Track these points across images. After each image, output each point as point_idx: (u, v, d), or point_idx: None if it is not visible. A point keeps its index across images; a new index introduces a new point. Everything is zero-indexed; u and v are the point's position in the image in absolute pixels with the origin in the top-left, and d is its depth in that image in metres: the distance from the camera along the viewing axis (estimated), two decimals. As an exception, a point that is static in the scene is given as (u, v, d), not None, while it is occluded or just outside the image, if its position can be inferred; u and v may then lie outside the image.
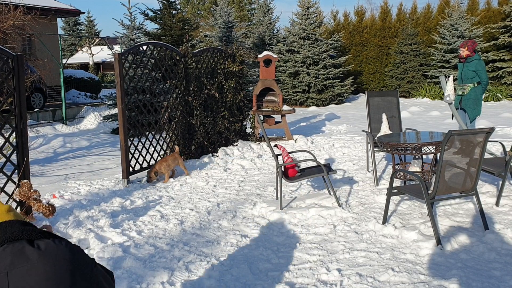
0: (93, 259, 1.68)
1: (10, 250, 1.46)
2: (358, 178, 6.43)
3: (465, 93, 7.28)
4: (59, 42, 13.62)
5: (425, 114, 13.21)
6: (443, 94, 7.26)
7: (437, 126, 10.83)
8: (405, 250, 3.99)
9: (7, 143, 4.79)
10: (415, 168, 5.52)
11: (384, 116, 6.69)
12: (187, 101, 7.71)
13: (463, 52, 7.37)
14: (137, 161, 6.77)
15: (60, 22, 31.49)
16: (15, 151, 4.83)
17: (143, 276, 3.62)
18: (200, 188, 6.23)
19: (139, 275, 3.64)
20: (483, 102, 16.46)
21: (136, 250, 4.13)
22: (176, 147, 6.94)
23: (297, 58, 17.59)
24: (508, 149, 6.86)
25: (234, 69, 8.80)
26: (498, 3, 19.08)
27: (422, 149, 5.18)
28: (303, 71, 17.56)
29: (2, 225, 1.58)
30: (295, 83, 17.74)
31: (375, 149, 6.37)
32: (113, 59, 6.79)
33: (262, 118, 9.71)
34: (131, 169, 6.61)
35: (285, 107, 9.54)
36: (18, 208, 4.66)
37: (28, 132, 4.93)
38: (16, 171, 4.82)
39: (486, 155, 6.68)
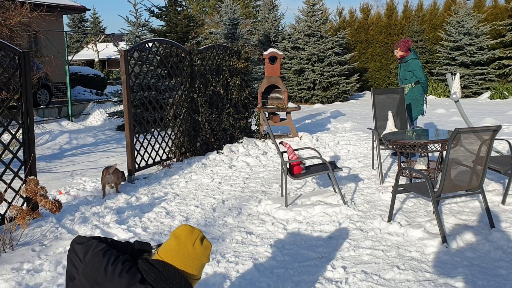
0: None
1: None
2: (363, 176, 6.42)
3: (405, 94, 7.26)
4: (65, 39, 13.66)
5: (431, 112, 13.15)
6: (449, 91, 7.23)
7: (443, 124, 10.79)
8: (411, 248, 3.98)
9: (13, 140, 4.81)
10: (421, 166, 5.51)
11: (389, 114, 6.67)
12: (192, 98, 7.72)
13: (397, 53, 7.30)
14: (142, 158, 6.79)
15: (65, 19, 31.56)
16: (21, 148, 4.86)
17: (148, 273, 3.63)
18: (205, 185, 6.24)
19: (144, 271, 3.65)
20: (489, 99, 16.40)
21: (142, 247, 4.14)
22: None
23: (302, 55, 17.56)
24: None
25: (240, 66, 8.80)
26: (505, 0, 18.95)
27: (428, 147, 5.17)
28: (308, 68, 17.52)
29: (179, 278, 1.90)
30: (300, 80, 17.70)
31: (380, 146, 6.36)
32: (118, 56, 6.80)
33: (267, 115, 9.71)
34: (136, 166, 6.63)
35: (290, 104, 9.53)
36: (25, 204, 4.68)
37: (35, 128, 4.94)
38: (23, 167, 4.85)
39: (493, 153, 6.65)
